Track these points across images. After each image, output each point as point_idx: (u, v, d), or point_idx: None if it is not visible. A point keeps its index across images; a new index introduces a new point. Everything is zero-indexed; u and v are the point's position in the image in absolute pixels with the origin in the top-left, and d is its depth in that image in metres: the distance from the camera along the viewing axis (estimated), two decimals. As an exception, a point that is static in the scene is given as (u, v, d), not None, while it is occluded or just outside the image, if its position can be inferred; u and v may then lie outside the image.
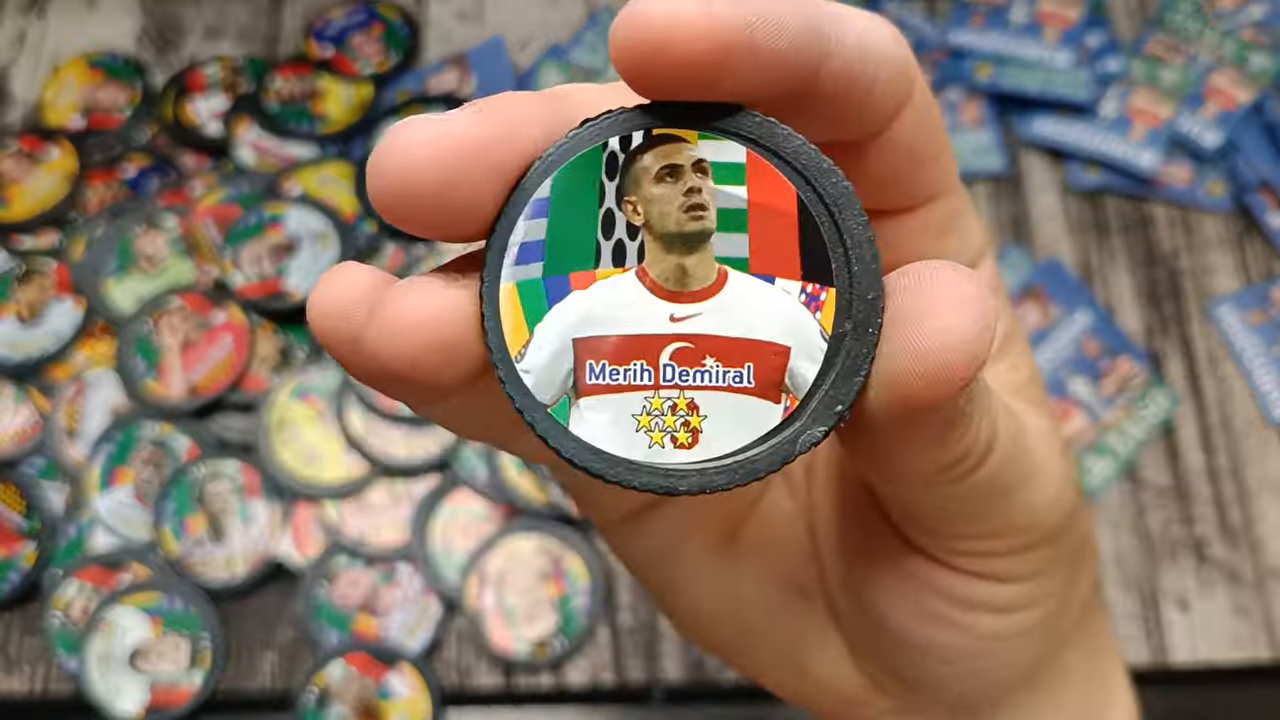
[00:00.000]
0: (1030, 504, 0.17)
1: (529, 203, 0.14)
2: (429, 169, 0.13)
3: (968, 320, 0.13)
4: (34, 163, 0.59)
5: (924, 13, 0.64)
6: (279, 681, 0.50)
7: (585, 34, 0.63)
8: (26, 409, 0.54)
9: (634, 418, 0.14)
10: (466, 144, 0.13)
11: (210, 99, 0.60)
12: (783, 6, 0.14)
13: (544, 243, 0.14)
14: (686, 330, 0.14)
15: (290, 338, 0.54)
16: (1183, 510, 0.53)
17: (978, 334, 0.13)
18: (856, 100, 0.15)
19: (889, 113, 0.16)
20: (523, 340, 0.14)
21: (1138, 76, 0.61)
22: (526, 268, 0.14)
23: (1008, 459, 0.16)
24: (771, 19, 0.13)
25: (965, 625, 0.18)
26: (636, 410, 0.14)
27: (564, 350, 0.14)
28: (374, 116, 0.60)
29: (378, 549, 0.50)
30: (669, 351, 0.14)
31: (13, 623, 0.51)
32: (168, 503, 0.51)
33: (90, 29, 0.64)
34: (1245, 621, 0.51)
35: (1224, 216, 0.60)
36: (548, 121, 0.14)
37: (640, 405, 0.14)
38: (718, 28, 0.13)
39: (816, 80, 0.14)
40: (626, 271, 0.14)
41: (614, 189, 0.14)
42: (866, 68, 0.15)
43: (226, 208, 0.56)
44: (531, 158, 0.14)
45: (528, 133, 0.14)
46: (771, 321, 0.14)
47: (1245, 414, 0.55)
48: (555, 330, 0.14)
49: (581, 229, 0.14)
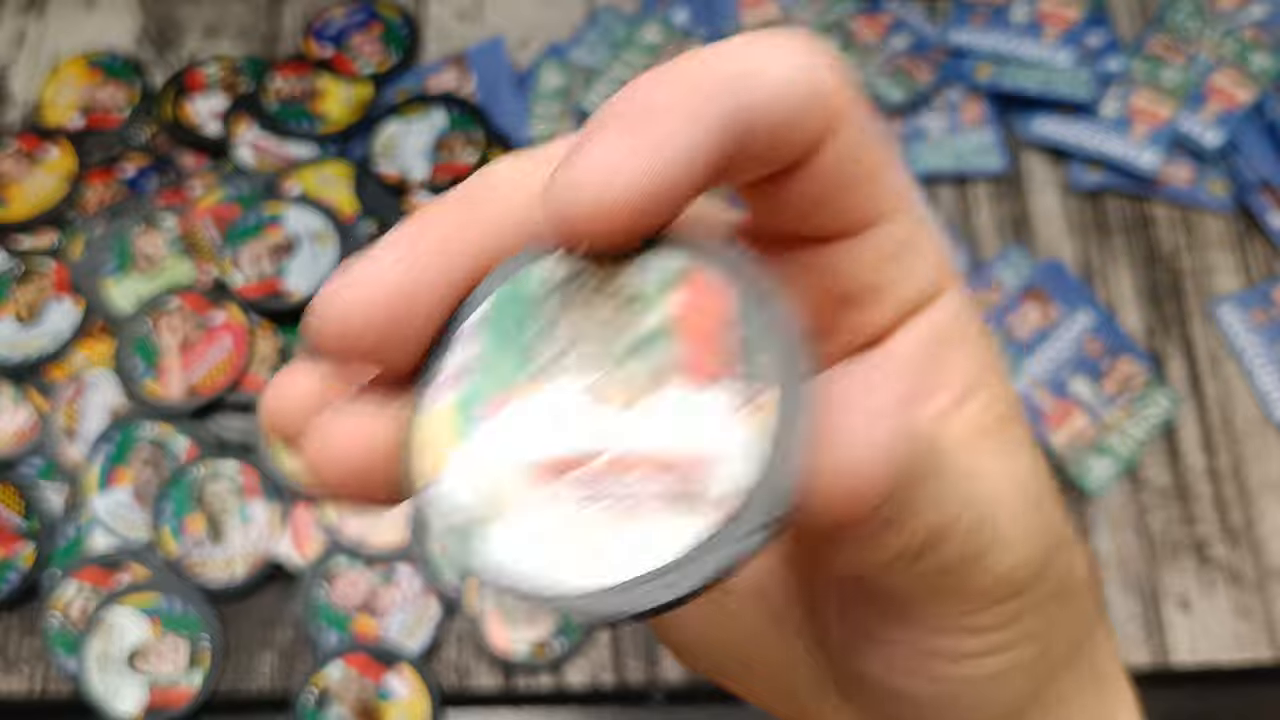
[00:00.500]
0: (990, 571, 0.17)
1: (461, 328, 0.15)
2: (362, 323, 0.14)
3: (873, 443, 0.13)
4: (33, 162, 0.59)
5: (924, 12, 0.64)
6: (278, 682, 0.50)
7: (585, 34, 0.63)
8: (25, 409, 0.54)
9: (558, 533, 0.14)
10: (393, 294, 0.14)
11: (209, 98, 0.60)
12: (700, 128, 0.13)
13: (475, 366, 0.14)
14: (616, 443, 0.14)
15: (289, 338, 0.54)
16: (1184, 511, 0.53)
17: (884, 459, 0.13)
18: (770, 151, 0.15)
19: (807, 148, 0.15)
20: (442, 465, 0.14)
21: (1138, 76, 0.61)
22: (456, 391, 0.14)
23: (958, 540, 0.16)
24: (701, 151, 0.13)
25: (932, 675, 0.18)
26: (561, 526, 0.14)
27: (490, 472, 0.14)
28: (374, 116, 0.60)
29: (377, 550, 0.50)
30: (596, 465, 0.14)
31: (12, 623, 0.51)
32: (166, 503, 0.51)
33: (89, 28, 0.64)
34: (1246, 622, 0.51)
35: (1225, 216, 0.60)
36: (474, 240, 0.15)
37: (566, 520, 0.14)
38: (654, 190, 0.13)
39: (737, 158, 0.14)
40: (557, 387, 0.14)
41: (547, 307, 0.14)
42: (784, 118, 0.14)
43: (225, 207, 0.56)
44: (461, 285, 0.15)
45: (455, 263, 0.14)
46: (703, 431, 0.14)
47: (1246, 414, 0.55)
48: (481, 453, 0.14)
49: (512, 350, 0.14)
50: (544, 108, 0.60)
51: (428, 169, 0.58)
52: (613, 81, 0.59)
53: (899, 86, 0.60)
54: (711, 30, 0.63)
